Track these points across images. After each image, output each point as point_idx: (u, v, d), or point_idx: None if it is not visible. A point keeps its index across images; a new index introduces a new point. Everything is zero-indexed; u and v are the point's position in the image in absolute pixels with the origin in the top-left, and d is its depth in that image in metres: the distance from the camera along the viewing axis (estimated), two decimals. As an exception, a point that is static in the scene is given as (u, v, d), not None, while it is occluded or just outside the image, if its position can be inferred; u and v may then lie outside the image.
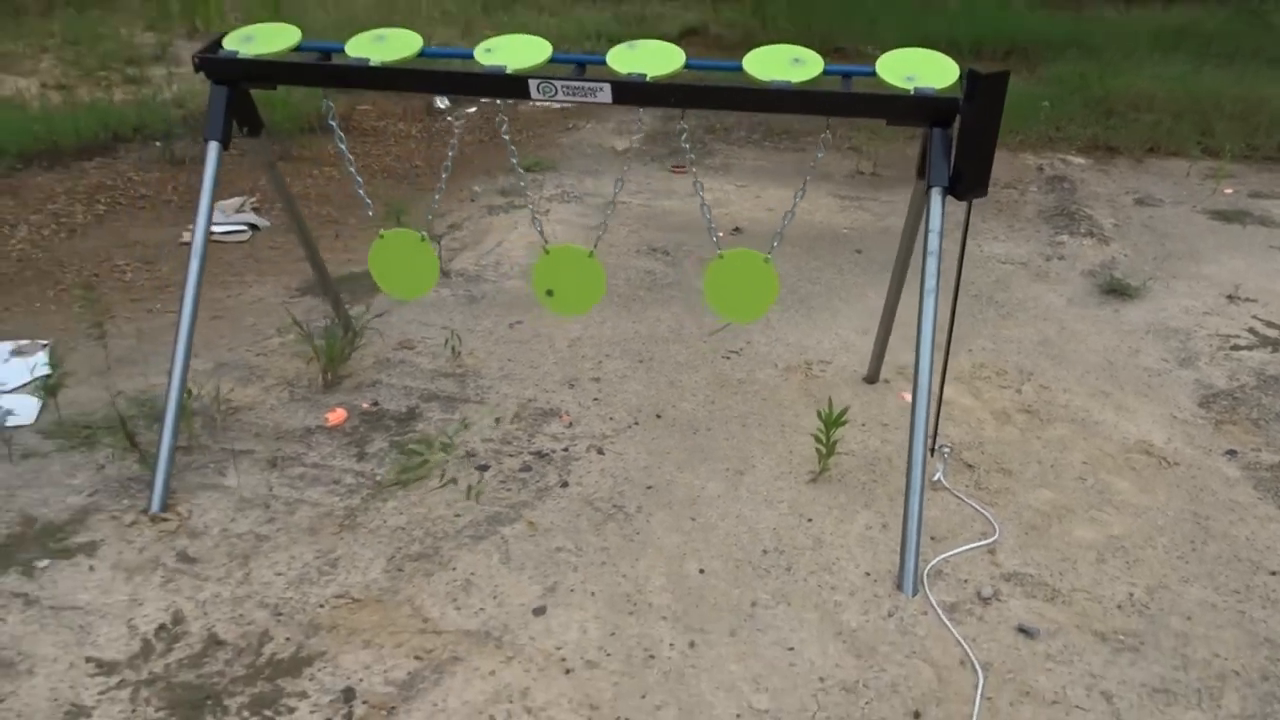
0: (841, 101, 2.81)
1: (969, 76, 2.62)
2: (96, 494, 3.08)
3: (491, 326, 4.30)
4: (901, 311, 3.60)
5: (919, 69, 2.85)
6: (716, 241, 3.20)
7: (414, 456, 3.29)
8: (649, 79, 2.83)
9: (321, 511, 3.02)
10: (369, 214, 3.36)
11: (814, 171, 3.22)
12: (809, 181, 3.21)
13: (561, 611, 2.63)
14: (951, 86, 2.81)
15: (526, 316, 4.42)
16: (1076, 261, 5.28)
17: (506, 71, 2.92)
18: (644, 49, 3.01)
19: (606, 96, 2.88)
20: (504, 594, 2.69)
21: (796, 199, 3.15)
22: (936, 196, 2.79)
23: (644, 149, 7.29)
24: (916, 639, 2.56)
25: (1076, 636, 2.59)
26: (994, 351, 4.20)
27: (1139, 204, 6.29)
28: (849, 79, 2.91)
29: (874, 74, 2.88)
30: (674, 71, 2.91)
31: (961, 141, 2.70)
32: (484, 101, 8.69)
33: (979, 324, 4.44)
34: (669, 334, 4.28)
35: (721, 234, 5.58)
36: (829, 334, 4.31)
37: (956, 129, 2.75)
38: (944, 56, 2.89)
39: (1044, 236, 5.66)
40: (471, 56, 3.08)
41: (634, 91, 2.85)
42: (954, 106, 2.73)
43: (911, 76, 2.82)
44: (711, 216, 3.22)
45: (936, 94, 2.74)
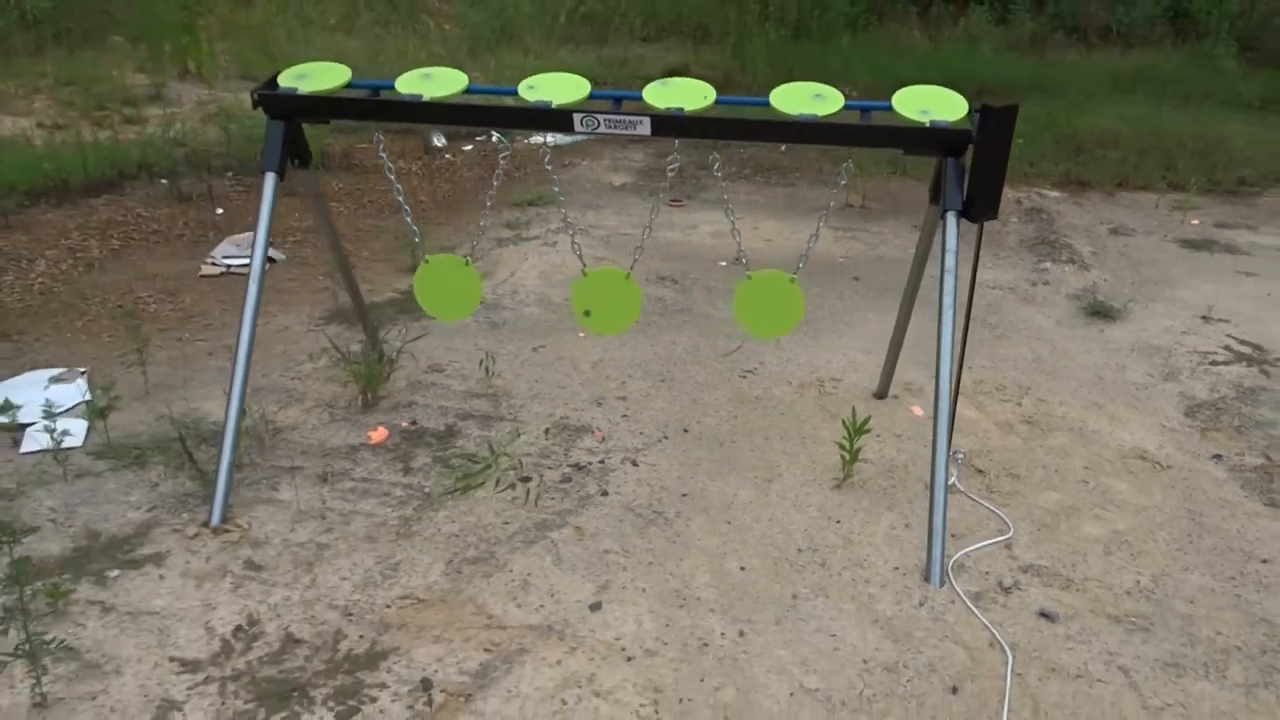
0: (864, 133, 3.06)
1: (982, 110, 2.88)
2: (155, 509, 3.22)
3: (516, 350, 4.49)
4: (908, 331, 3.84)
5: (932, 104, 3.11)
6: (745, 264, 3.42)
7: (470, 464, 3.46)
8: (687, 112, 3.07)
9: (376, 521, 3.18)
10: (415, 240, 3.55)
11: (832, 205, 3.46)
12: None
13: (616, 607, 2.80)
14: (962, 119, 3.07)
15: (548, 341, 4.61)
16: (1060, 286, 5.58)
17: (552, 106, 3.14)
18: (677, 86, 3.25)
19: (646, 129, 3.11)
20: (560, 592, 2.86)
21: (820, 222, 3.39)
22: (952, 219, 3.04)
23: (641, 184, 7.56)
24: (947, 624, 2.76)
25: (1092, 619, 2.81)
26: (992, 369, 4.46)
27: (1113, 233, 6.63)
28: (867, 113, 3.16)
29: (890, 109, 3.13)
30: (707, 106, 3.15)
31: (975, 168, 2.96)
32: (479, 139, 8.93)
33: (976, 344, 4.69)
34: (686, 355, 4.49)
35: (724, 263, 5.83)
36: (837, 354, 4.55)
37: (969, 158, 3.01)
38: (954, 93, 3.15)
39: (1028, 264, 5.96)
40: (513, 93, 3.30)
41: (673, 124, 3.09)
42: (966, 137, 2.99)
43: (926, 110, 3.08)
44: (740, 242, 3.45)
45: (950, 126, 3.00)
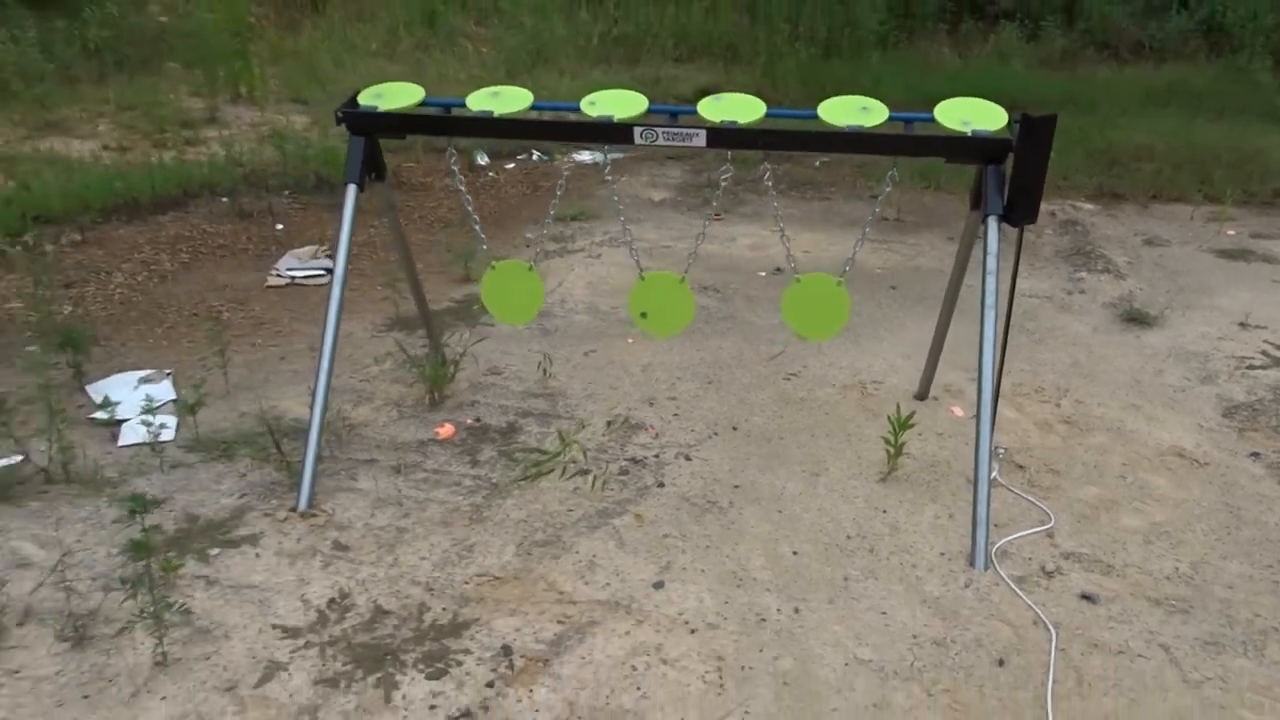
0: (908, 143, 3.26)
1: (1023, 120, 3.07)
2: (246, 496, 3.45)
3: (569, 355, 4.70)
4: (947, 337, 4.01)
5: (972, 115, 3.30)
6: (794, 268, 3.62)
7: (540, 454, 3.69)
8: (741, 125, 3.28)
9: (449, 508, 3.39)
10: (483, 248, 3.78)
11: (879, 210, 3.64)
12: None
13: (678, 585, 2.99)
14: (1002, 129, 3.25)
15: (598, 346, 4.82)
16: (1096, 295, 5.71)
17: (614, 120, 3.36)
18: (729, 100, 3.46)
19: (701, 141, 3.32)
20: (625, 572, 3.05)
21: (865, 229, 3.58)
22: (993, 224, 3.22)
23: (679, 199, 7.77)
24: (992, 604, 2.93)
25: (1132, 602, 2.96)
26: (1031, 373, 4.61)
27: (1148, 244, 6.75)
28: (911, 124, 3.35)
29: (933, 119, 3.32)
30: (759, 119, 3.35)
31: (1015, 175, 3.14)
32: (520, 158, 9.20)
33: (1014, 349, 4.82)
34: (731, 360, 4.68)
35: (764, 273, 6.03)
36: (877, 358, 4.72)
37: (1009, 165, 3.19)
38: (993, 104, 3.34)
39: (1064, 274, 6.10)
40: (575, 109, 3.53)
41: (727, 136, 3.30)
42: (1006, 146, 3.17)
43: (967, 121, 3.26)
44: (789, 248, 3.64)
45: (992, 135, 3.18)
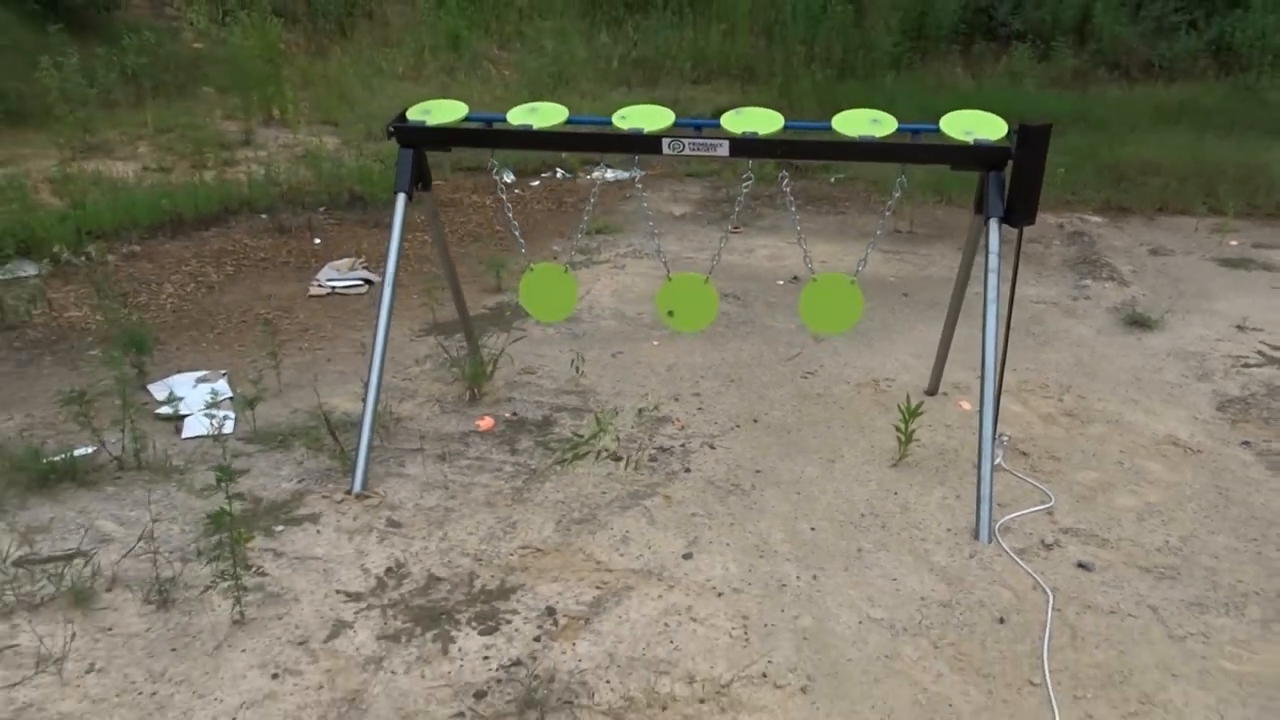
0: (916, 152, 3.54)
1: (1020, 129, 3.34)
2: (304, 481, 3.74)
3: (598, 355, 4.98)
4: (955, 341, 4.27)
5: (974, 126, 3.57)
6: (811, 270, 3.89)
7: (577, 437, 3.97)
8: (761, 136, 3.57)
9: (492, 491, 3.67)
10: (521, 252, 4.07)
11: (889, 214, 3.92)
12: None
13: (705, 556, 3.25)
14: (1002, 139, 3.52)
15: (625, 348, 5.10)
16: (1100, 300, 5.96)
17: (644, 133, 3.66)
18: (749, 114, 3.75)
19: (725, 151, 3.61)
20: (656, 545, 3.32)
21: (878, 231, 3.85)
22: (994, 225, 3.49)
23: (699, 213, 8.07)
24: (995, 572, 3.17)
25: (1124, 570, 3.20)
26: (1035, 371, 4.86)
27: (1153, 254, 6.99)
28: (918, 134, 3.63)
29: (938, 130, 3.60)
30: (778, 130, 3.64)
31: (1015, 180, 3.41)
32: (545, 175, 9.54)
33: (1020, 350, 5.09)
34: (751, 360, 4.95)
35: (781, 282, 6.30)
36: (890, 359, 4.98)
37: (1009, 172, 3.46)
38: (993, 115, 3.62)
39: (1069, 281, 6.35)
40: (607, 123, 3.83)
41: (748, 146, 3.58)
42: (1006, 154, 3.45)
43: (970, 131, 3.54)
44: (807, 253, 3.92)
45: (993, 144, 3.46)
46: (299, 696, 2.62)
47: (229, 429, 4.11)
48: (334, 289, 6.18)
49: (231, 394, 4.46)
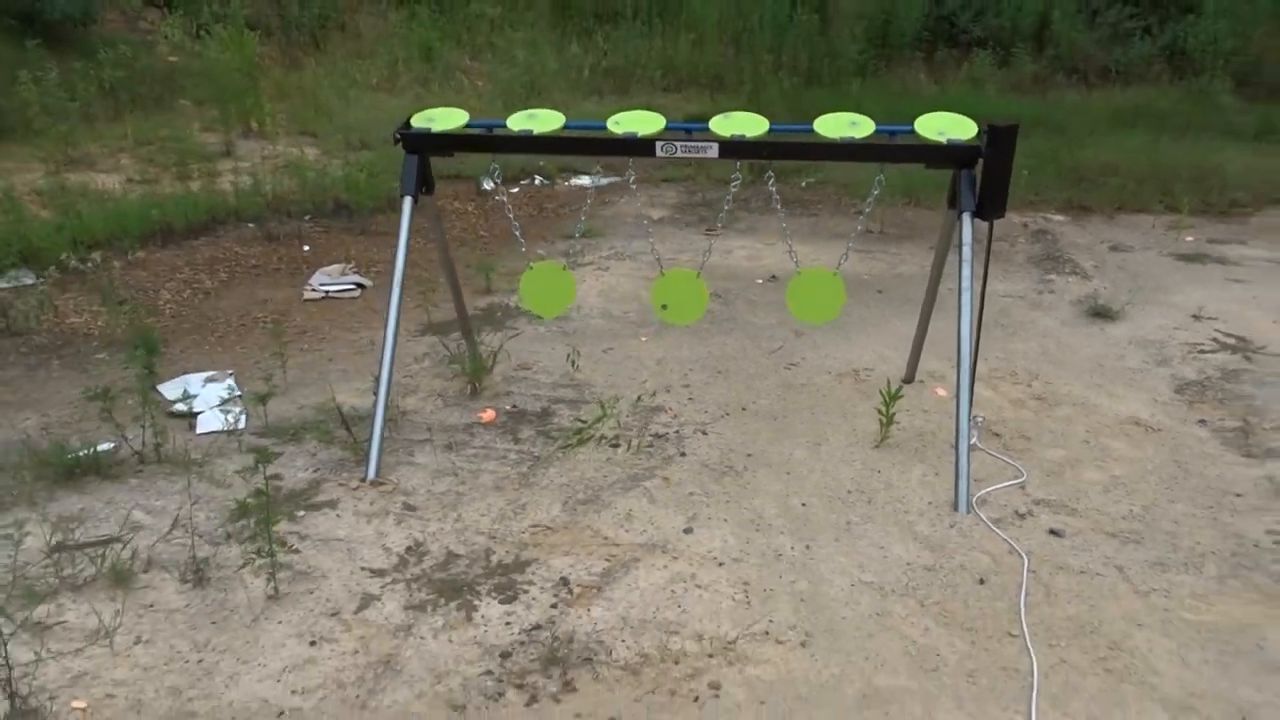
0: (893, 151, 3.80)
1: (990, 128, 3.61)
2: (319, 470, 3.92)
3: (589, 351, 5.20)
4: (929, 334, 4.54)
5: (947, 126, 3.84)
6: (796, 263, 4.13)
7: (580, 422, 4.19)
8: (749, 138, 3.81)
9: (500, 476, 3.87)
10: (521, 250, 4.28)
11: (868, 211, 4.17)
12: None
13: (705, 531, 3.48)
14: (972, 139, 3.79)
15: (615, 344, 5.32)
16: (1064, 294, 6.27)
17: (638, 136, 3.89)
18: (736, 117, 3.99)
19: (714, 153, 3.85)
20: (658, 521, 3.54)
21: (857, 227, 4.10)
22: (967, 219, 3.75)
23: (676, 217, 8.32)
24: (974, 539, 3.43)
25: (1092, 536, 3.46)
26: (1004, 359, 5.14)
27: (1113, 250, 7.33)
28: (894, 135, 3.89)
29: (913, 131, 3.86)
30: (764, 133, 3.88)
31: (985, 176, 3.67)
32: (524, 182, 9.75)
33: (989, 341, 5.37)
34: (736, 353, 5.19)
35: (760, 280, 6.56)
36: (868, 350, 5.24)
37: (980, 169, 3.73)
38: (964, 117, 3.88)
39: (1035, 276, 6.66)
40: (602, 128, 4.05)
41: (737, 148, 3.82)
42: (976, 152, 3.71)
43: (942, 132, 3.80)
44: (791, 246, 4.16)
45: (964, 143, 3.72)
46: (337, 660, 2.81)
47: (241, 425, 4.28)
48: (328, 293, 6.34)
49: (240, 392, 4.63)
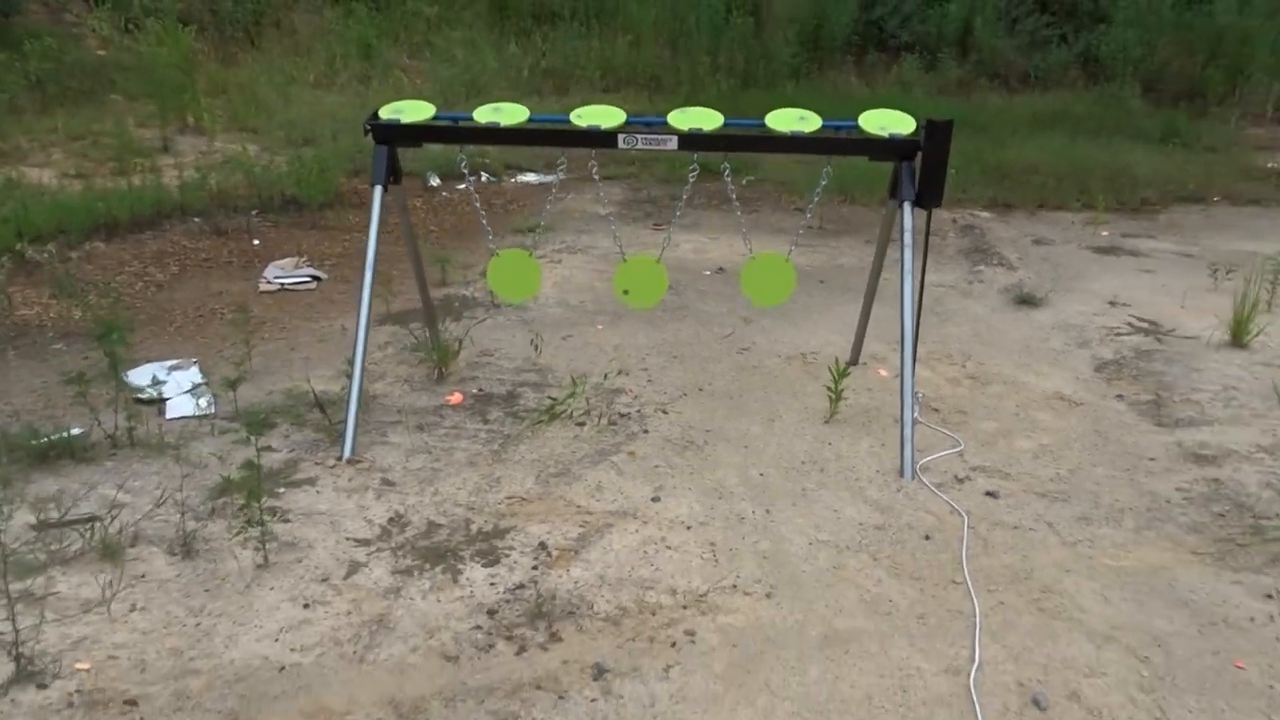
0: (840, 144, 4.07)
1: (928, 124, 3.90)
2: (294, 451, 4.05)
3: (549, 339, 5.38)
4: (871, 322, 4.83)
5: (888, 122, 4.13)
6: (750, 250, 4.38)
7: (550, 400, 4.40)
8: (706, 131, 4.04)
9: (473, 453, 4.05)
10: (488, 238, 4.46)
11: (817, 199, 4.44)
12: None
13: (671, 499, 3.70)
14: (912, 134, 4.08)
15: (574, 332, 5.52)
16: (992, 284, 6.65)
17: (601, 129, 4.09)
18: (692, 113, 4.22)
19: (673, 145, 4.07)
20: (627, 491, 3.75)
21: (807, 213, 4.37)
22: (908, 208, 4.04)
23: (623, 213, 8.54)
24: (919, 501, 3.71)
25: (1024, 497, 3.78)
26: (940, 343, 5.47)
27: (1036, 244, 7.77)
28: (840, 130, 4.16)
29: (857, 127, 4.14)
30: (719, 127, 4.12)
31: (924, 168, 3.97)
32: (471, 179, 9.86)
33: (926, 326, 5.68)
34: (690, 339, 5.43)
35: (708, 272, 6.81)
36: (814, 335, 5.53)
37: (919, 161, 4.02)
38: (904, 114, 4.17)
39: (965, 268, 7.04)
40: (565, 121, 4.25)
41: (695, 141, 4.05)
42: (916, 146, 4.01)
43: (884, 127, 4.09)
44: (746, 237, 4.41)
45: (904, 138, 4.01)
46: (332, 620, 2.96)
47: (213, 409, 4.37)
48: (283, 285, 6.42)
49: (204, 380, 4.71)
